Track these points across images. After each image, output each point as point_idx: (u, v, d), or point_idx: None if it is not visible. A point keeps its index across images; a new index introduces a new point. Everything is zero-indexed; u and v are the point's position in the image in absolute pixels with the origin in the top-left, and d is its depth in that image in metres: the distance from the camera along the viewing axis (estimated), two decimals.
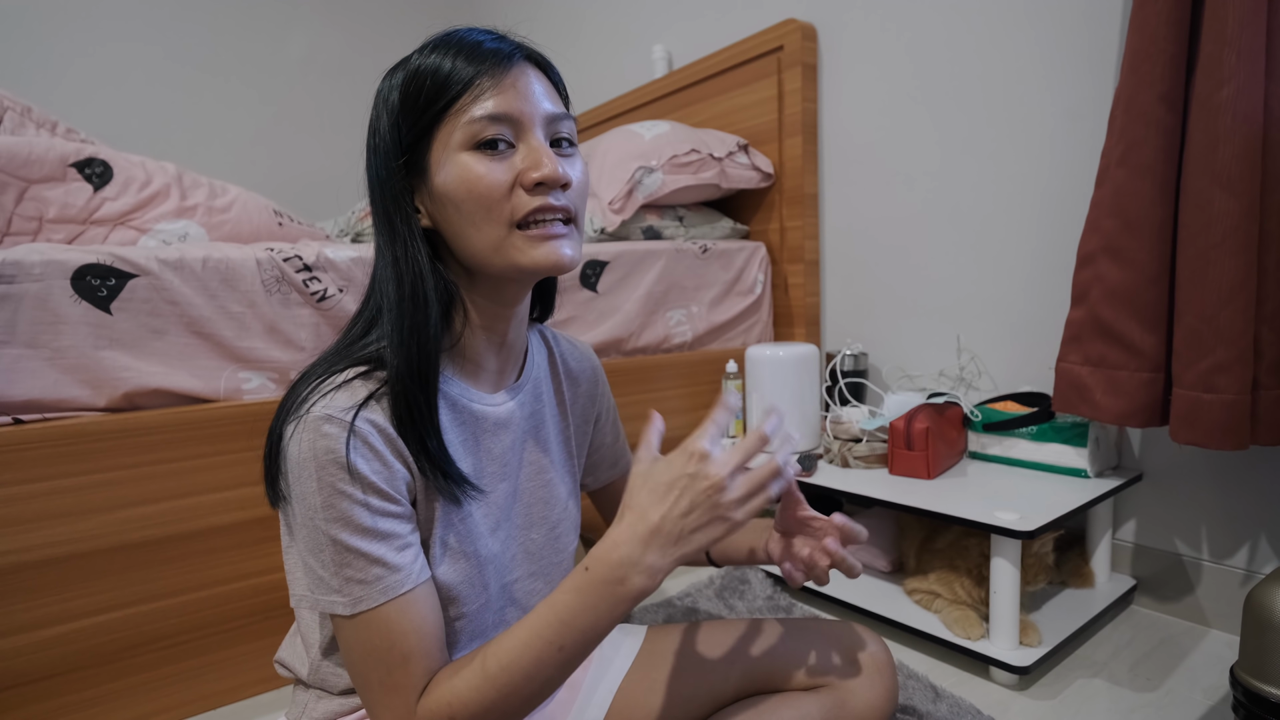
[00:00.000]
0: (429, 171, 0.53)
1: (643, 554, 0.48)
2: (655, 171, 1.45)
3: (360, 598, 0.49)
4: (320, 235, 1.28)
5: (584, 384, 0.74)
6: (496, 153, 0.52)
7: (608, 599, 0.48)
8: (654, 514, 0.48)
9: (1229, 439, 0.86)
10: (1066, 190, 1.18)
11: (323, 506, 0.49)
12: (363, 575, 0.49)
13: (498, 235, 0.52)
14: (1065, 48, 1.16)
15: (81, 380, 0.86)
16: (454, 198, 0.52)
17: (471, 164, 0.51)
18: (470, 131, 0.51)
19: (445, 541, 0.56)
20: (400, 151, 0.53)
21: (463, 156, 0.51)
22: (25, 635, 0.82)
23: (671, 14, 1.99)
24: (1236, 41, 0.83)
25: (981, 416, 1.18)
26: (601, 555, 0.49)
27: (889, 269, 1.47)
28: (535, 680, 0.48)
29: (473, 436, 0.59)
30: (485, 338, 0.59)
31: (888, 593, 1.11)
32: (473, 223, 0.52)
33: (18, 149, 0.94)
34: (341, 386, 0.51)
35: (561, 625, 0.48)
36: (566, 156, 0.55)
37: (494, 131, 0.51)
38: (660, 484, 0.49)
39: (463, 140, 0.51)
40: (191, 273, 0.92)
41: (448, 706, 0.49)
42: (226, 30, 2.48)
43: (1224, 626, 1.03)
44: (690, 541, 0.48)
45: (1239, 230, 0.84)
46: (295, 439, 0.49)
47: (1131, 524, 1.15)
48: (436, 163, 0.52)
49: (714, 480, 0.48)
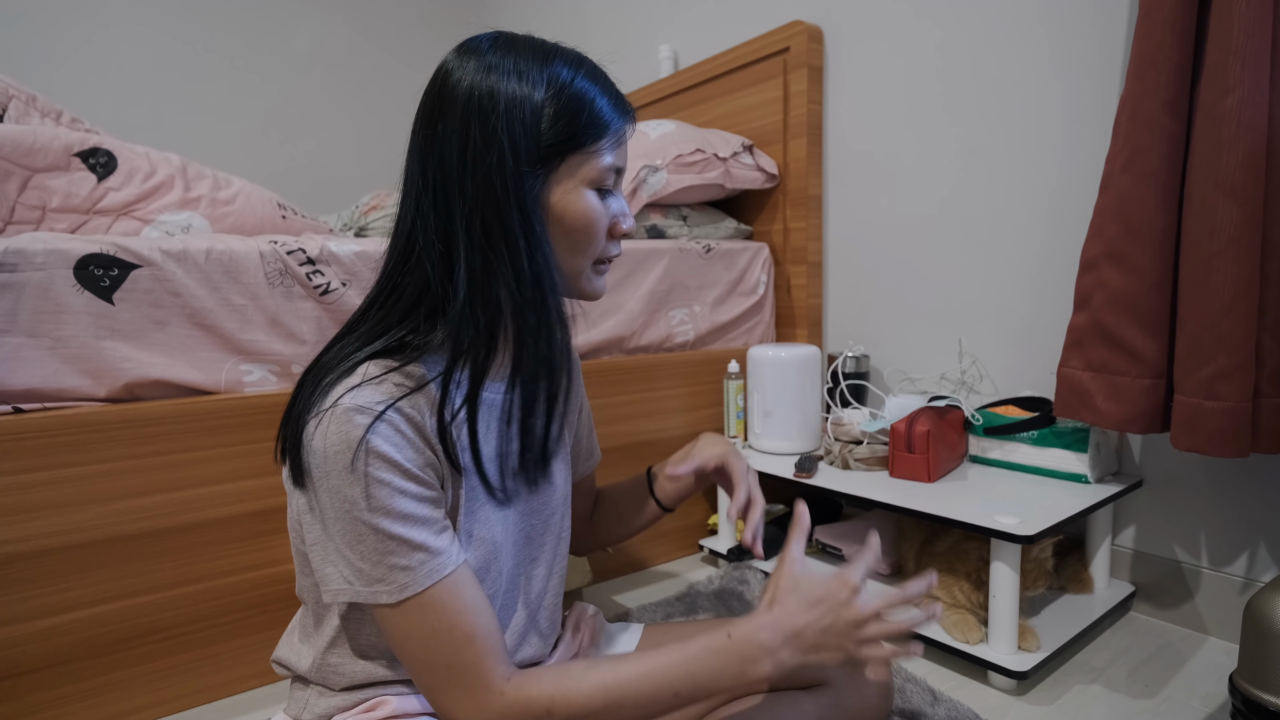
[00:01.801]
0: (549, 186, 0.55)
1: (779, 647, 0.53)
2: (660, 170, 1.45)
3: (406, 584, 0.49)
4: (323, 229, 1.28)
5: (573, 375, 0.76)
6: (606, 196, 0.58)
7: (734, 671, 0.52)
8: (800, 619, 0.54)
9: (1230, 446, 0.86)
10: (1070, 195, 1.18)
11: (363, 497, 0.49)
12: (406, 561, 0.50)
13: (583, 265, 0.59)
14: (1070, 54, 1.16)
15: (82, 370, 0.85)
16: (570, 223, 0.56)
17: (594, 202, 0.57)
18: (600, 173, 0.56)
19: (468, 529, 0.57)
20: (539, 157, 0.54)
21: (589, 192, 0.56)
22: (21, 626, 0.82)
23: (678, 14, 1.99)
24: (1242, 50, 0.83)
25: (982, 420, 1.18)
26: (747, 633, 0.53)
27: (891, 271, 1.47)
28: (642, 711, 0.51)
29: (486, 420, 0.60)
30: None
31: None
32: (573, 249, 0.57)
33: (22, 138, 0.94)
34: (370, 377, 0.51)
35: (687, 676, 0.52)
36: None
37: (613, 182, 0.59)
38: (813, 597, 0.55)
39: (591, 177, 0.56)
40: (195, 264, 0.92)
41: (550, 700, 0.50)
42: (234, 22, 2.48)
43: (1223, 634, 1.03)
44: (816, 655, 0.53)
45: (1242, 238, 0.84)
46: (322, 431, 0.49)
47: (1131, 530, 1.15)
48: (559, 182, 0.55)
49: (857, 616, 0.54)
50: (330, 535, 0.51)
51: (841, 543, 1.25)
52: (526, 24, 0.62)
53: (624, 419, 1.32)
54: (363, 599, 0.50)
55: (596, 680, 0.51)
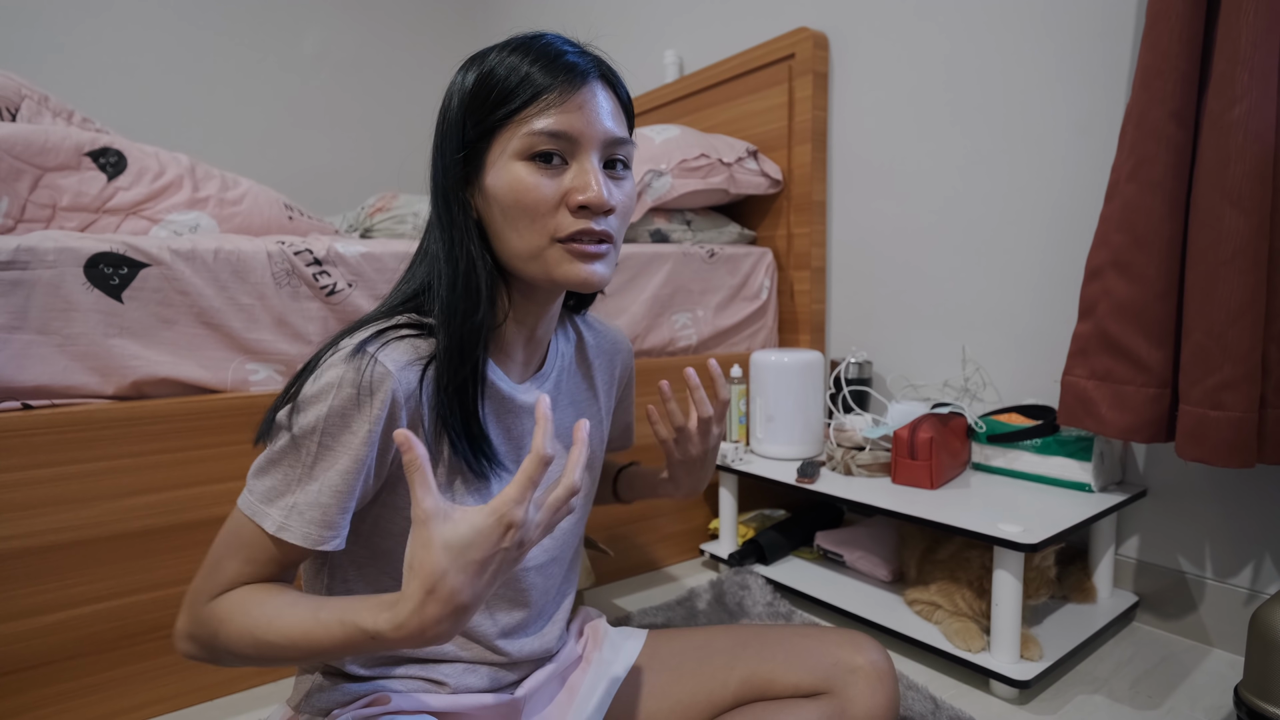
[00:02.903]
0: (484, 169, 0.55)
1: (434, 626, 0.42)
2: (664, 175, 1.46)
3: (285, 528, 0.50)
4: (330, 230, 1.29)
5: (619, 368, 0.78)
6: (549, 166, 0.53)
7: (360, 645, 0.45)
8: (465, 594, 0.42)
9: (1235, 456, 0.85)
10: (1075, 204, 1.18)
11: (322, 431, 0.50)
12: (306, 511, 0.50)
13: (537, 245, 0.54)
14: (1077, 62, 1.16)
15: (90, 368, 0.86)
16: (501, 201, 0.54)
17: (523, 174, 0.53)
18: (528, 142, 0.53)
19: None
20: (462, 145, 0.55)
21: (516, 164, 0.53)
22: (27, 621, 0.83)
23: (683, 19, 2.00)
24: (1249, 60, 0.83)
25: (986, 428, 1.18)
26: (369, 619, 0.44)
27: (895, 278, 1.47)
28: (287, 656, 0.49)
29: (494, 414, 0.60)
30: (517, 329, 0.61)
31: (888, 602, 1.11)
32: (514, 228, 0.54)
33: (34, 137, 0.94)
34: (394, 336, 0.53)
35: (313, 647, 0.47)
36: (618, 179, 0.57)
37: (549, 146, 0.53)
38: (473, 561, 0.42)
39: (520, 148, 0.53)
40: (203, 263, 0.93)
41: (219, 622, 0.50)
42: (242, 24, 2.50)
43: (1227, 646, 1.03)
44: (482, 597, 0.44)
45: (1249, 248, 0.84)
46: (328, 365, 0.51)
47: (1135, 540, 1.14)
48: (492, 163, 0.54)
49: (526, 541, 0.44)
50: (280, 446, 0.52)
51: (842, 549, 1.24)
52: (532, 28, 0.62)
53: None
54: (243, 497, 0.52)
55: (254, 606, 0.49)
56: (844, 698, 0.67)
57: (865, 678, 0.68)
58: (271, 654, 0.48)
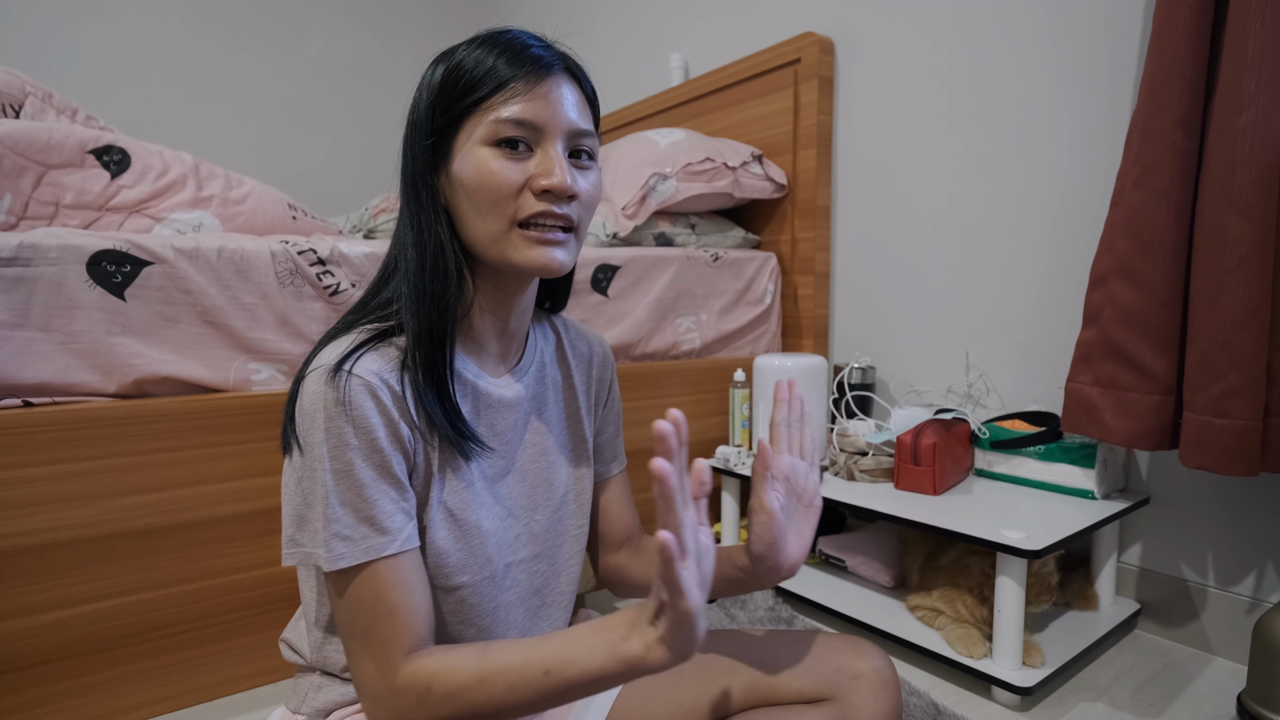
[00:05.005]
0: (451, 156, 0.56)
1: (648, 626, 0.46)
2: (669, 178, 1.46)
3: (341, 555, 0.50)
4: (333, 230, 1.29)
5: (595, 367, 0.75)
6: (514, 153, 0.55)
7: (605, 646, 0.47)
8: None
9: (1239, 464, 0.85)
10: (1080, 210, 1.18)
11: (328, 457, 0.50)
12: (349, 532, 0.50)
13: (498, 229, 0.55)
14: (1083, 69, 1.16)
15: (92, 365, 0.86)
16: (467, 186, 0.55)
17: (488, 158, 0.54)
18: (494, 129, 0.54)
19: (446, 505, 0.57)
20: (430, 133, 0.56)
21: (482, 150, 0.54)
22: (26, 619, 0.82)
23: (689, 23, 2.00)
24: (1257, 68, 0.83)
25: (989, 434, 1.18)
26: (619, 614, 0.48)
27: (899, 283, 1.47)
28: (515, 693, 0.48)
29: (475, 410, 0.60)
30: (489, 320, 0.61)
31: (890, 608, 1.11)
32: (478, 212, 0.55)
33: (38, 134, 0.94)
34: (357, 344, 0.54)
35: (557, 650, 0.48)
36: (583, 169, 0.58)
37: (515, 133, 0.54)
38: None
39: (485, 135, 0.54)
40: (206, 262, 0.92)
41: (430, 676, 0.49)
42: (247, 24, 2.50)
43: (1229, 654, 1.02)
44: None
45: (1254, 256, 0.84)
46: (308, 390, 0.52)
47: (1137, 547, 1.14)
48: (459, 149, 0.55)
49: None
50: (300, 488, 0.52)
51: (845, 554, 1.24)
52: (536, 29, 0.62)
53: (629, 425, 1.31)
54: (298, 557, 0.52)
55: (472, 656, 0.50)
56: (847, 704, 0.66)
57: (868, 684, 0.67)
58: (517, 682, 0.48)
